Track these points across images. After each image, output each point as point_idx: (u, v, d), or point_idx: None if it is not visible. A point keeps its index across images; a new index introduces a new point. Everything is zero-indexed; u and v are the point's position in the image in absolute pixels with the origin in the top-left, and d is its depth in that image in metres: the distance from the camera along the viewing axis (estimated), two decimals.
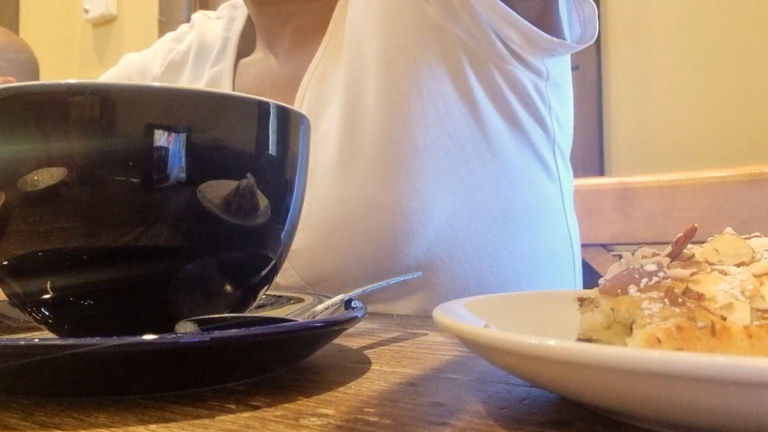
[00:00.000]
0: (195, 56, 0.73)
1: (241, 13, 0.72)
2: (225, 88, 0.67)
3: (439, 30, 0.55)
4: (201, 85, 0.70)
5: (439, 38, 0.55)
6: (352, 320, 0.29)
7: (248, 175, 0.29)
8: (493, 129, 0.57)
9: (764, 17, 1.29)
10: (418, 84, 0.54)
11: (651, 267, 0.23)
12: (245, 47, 0.70)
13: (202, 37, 0.74)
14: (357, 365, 0.31)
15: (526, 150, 0.59)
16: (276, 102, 0.31)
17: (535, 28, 0.54)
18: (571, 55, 0.65)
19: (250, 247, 0.31)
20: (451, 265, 0.56)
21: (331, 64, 0.59)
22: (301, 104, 0.60)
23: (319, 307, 0.34)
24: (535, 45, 0.56)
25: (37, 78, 1.23)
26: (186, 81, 0.72)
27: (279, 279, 0.58)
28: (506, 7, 0.53)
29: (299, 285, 0.59)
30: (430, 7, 0.55)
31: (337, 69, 0.58)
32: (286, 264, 0.57)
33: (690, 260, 0.24)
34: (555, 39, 0.55)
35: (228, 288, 0.31)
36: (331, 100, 0.58)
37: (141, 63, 0.77)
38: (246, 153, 0.30)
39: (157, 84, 0.27)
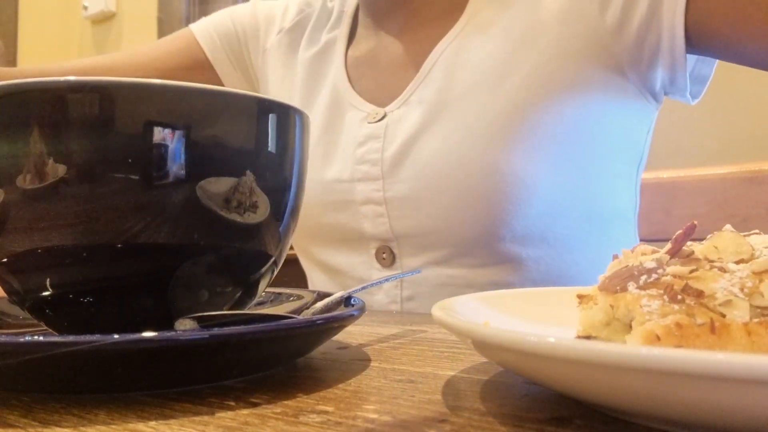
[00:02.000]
0: (315, 23, 0.74)
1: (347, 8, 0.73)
2: (338, 54, 0.68)
3: (604, 48, 0.55)
4: (315, 50, 0.71)
5: (601, 53, 0.55)
6: (352, 317, 0.29)
7: (247, 172, 0.29)
8: (605, 133, 0.58)
9: None
10: (568, 81, 0.55)
11: (650, 264, 0.23)
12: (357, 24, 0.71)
13: (324, 5, 0.75)
14: (356, 362, 0.31)
15: (622, 159, 0.61)
16: (275, 100, 0.31)
17: (687, 77, 0.56)
18: None
19: (249, 244, 0.31)
20: (541, 247, 0.56)
21: (467, 40, 0.59)
22: (431, 68, 0.60)
23: (319, 305, 0.34)
24: (676, 87, 0.58)
25: (7, 65, 1.22)
26: (305, 43, 0.73)
27: (367, 226, 0.58)
28: (684, 59, 0.54)
29: (387, 236, 0.58)
30: (607, 25, 0.55)
31: (477, 43, 0.58)
32: (380, 209, 0.57)
33: (689, 257, 0.24)
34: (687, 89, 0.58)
35: (227, 285, 0.31)
36: (469, 65, 0.58)
37: (271, 12, 0.78)
38: (245, 150, 0.29)
39: (156, 80, 0.27)
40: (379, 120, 0.59)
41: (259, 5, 0.80)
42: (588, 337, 0.25)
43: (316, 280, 0.68)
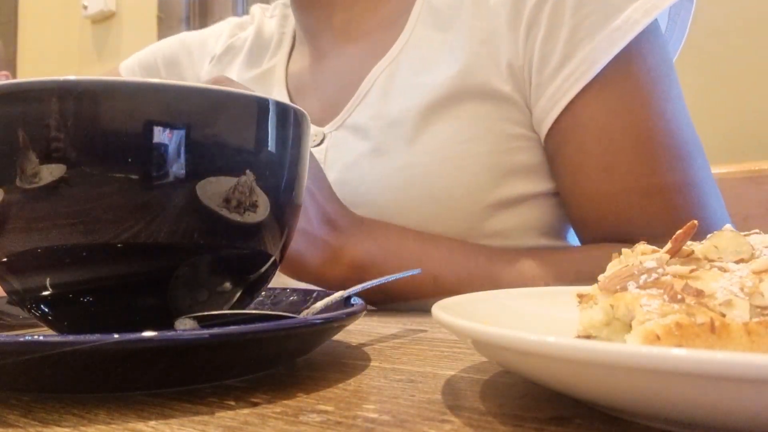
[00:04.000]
0: (251, 47, 0.74)
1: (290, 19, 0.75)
2: (279, 75, 0.69)
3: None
4: (257, 72, 0.72)
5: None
6: (352, 317, 0.29)
7: (247, 171, 0.29)
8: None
9: (764, 13, 1.28)
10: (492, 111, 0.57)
11: (650, 264, 0.23)
12: (298, 43, 0.72)
13: (261, 30, 0.75)
14: (356, 362, 0.31)
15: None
16: (275, 99, 0.31)
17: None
18: None
19: (249, 244, 0.31)
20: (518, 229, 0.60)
21: (406, 62, 0.61)
22: (368, 90, 0.61)
23: (319, 304, 0.34)
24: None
25: (7, 65, 1.22)
26: (237, 69, 0.73)
27: None
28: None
29: None
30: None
31: (416, 67, 0.60)
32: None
33: (689, 257, 0.24)
34: None
35: (227, 285, 0.31)
36: (406, 92, 0.59)
37: (202, 39, 0.79)
38: (245, 149, 0.29)
39: (155, 80, 0.27)
40: (319, 143, 0.61)
41: (188, 35, 0.81)
42: (588, 337, 0.24)
43: None
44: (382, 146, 0.58)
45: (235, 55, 0.75)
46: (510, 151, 0.57)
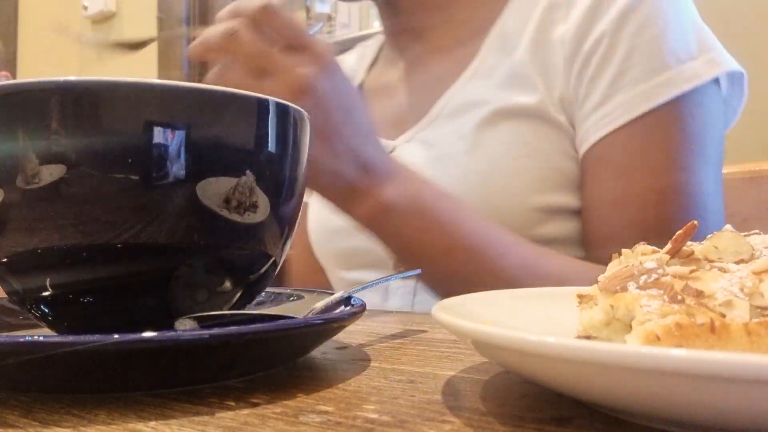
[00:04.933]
0: None
1: (371, 44, 0.80)
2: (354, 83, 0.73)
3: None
4: None
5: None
6: (352, 317, 0.29)
7: (247, 172, 0.29)
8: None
9: (764, 13, 1.28)
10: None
11: (650, 264, 0.23)
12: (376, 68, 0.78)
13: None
14: (356, 362, 0.31)
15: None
16: (275, 99, 0.31)
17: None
18: None
19: (249, 245, 0.31)
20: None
21: (474, 84, 0.65)
22: (439, 113, 0.65)
23: (319, 305, 0.34)
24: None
25: (7, 65, 1.23)
26: None
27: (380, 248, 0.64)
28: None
29: None
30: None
31: (480, 89, 0.64)
32: None
33: (689, 257, 0.24)
34: None
35: (227, 285, 0.31)
36: (472, 111, 0.63)
37: None
38: (245, 150, 0.29)
39: (156, 81, 0.27)
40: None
41: None
42: (588, 337, 0.25)
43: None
44: (445, 155, 0.62)
45: None
46: (561, 167, 0.61)
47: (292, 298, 0.41)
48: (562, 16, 0.60)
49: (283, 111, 0.31)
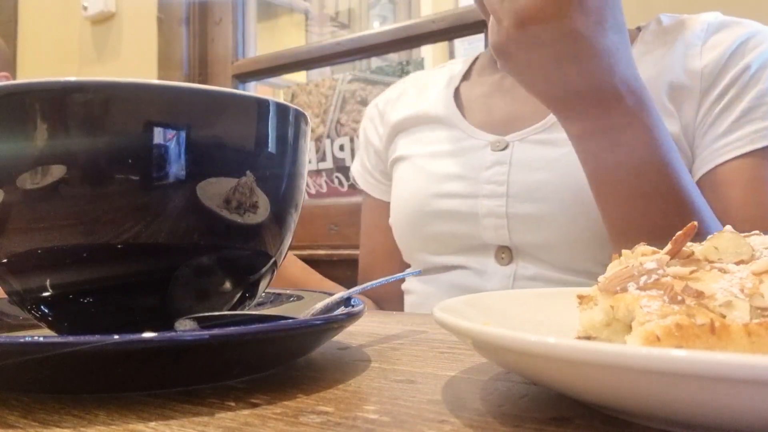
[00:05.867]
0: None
1: (458, 61, 0.82)
2: (449, 90, 0.77)
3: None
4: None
5: None
6: (352, 318, 0.29)
7: (248, 172, 0.29)
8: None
9: (764, 14, 1.28)
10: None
11: (650, 265, 0.23)
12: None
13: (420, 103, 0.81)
14: (356, 362, 0.31)
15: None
16: (275, 99, 0.31)
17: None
18: None
19: (249, 245, 0.31)
20: None
21: None
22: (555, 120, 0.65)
23: (319, 305, 0.34)
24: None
25: (8, 65, 1.22)
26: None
27: (488, 236, 0.66)
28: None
29: (506, 243, 0.65)
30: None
31: None
32: (502, 222, 0.65)
33: (689, 258, 0.24)
34: None
35: (227, 285, 0.31)
36: None
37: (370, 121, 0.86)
38: (245, 150, 0.29)
39: (156, 81, 0.27)
40: (503, 149, 0.67)
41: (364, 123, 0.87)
42: (588, 338, 0.25)
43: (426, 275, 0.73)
44: (565, 157, 0.62)
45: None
46: None
47: (292, 299, 0.41)
48: (696, 53, 0.63)
49: (283, 111, 0.31)
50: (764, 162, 0.60)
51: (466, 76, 0.80)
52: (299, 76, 1.83)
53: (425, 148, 0.73)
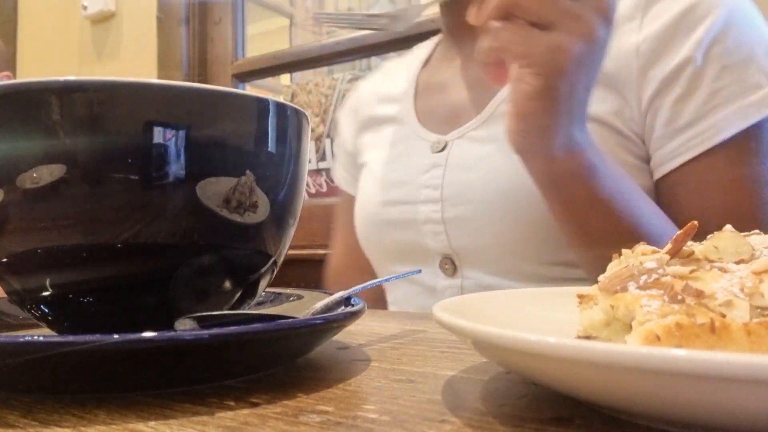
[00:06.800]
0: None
1: (427, 44, 0.79)
2: (410, 76, 0.75)
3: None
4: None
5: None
6: (352, 317, 0.29)
7: (247, 171, 0.29)
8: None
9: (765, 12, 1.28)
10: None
11: (650, 264, 0.23)
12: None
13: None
14: (356, 362, 0.31)
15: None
16: (275, 99, 0.31)
17: None
18: None
19: (249, 244, 0.31)
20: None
21: None
22: (492, 112, 0.64)
23: (319, 305, 0.34)
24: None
25: (8, 65, 1.22)
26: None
27: (429, 242, 0.64)
28: None
29: (447, 251, 0.63)
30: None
31: None
32: (439, 228, 0.63)
33: (689, 257, 0.24)
34: None
35: (227, 285, 0.31)
36: None
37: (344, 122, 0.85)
38: (245, 150, 0.29)
39: (156, 81, 0.27)
40: (441, 150, 0.66)
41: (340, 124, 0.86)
42: (588, 338, 0.25)
43: (391, 288, 0.73)
44: (501, 151, 0.60)
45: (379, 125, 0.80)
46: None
47: (292, 298, 0.41)
48: (634, 27, 0.59)
49: (282, 111, 0.31)
50: (738, 153, 0.56)
51: (428, 60, 0.77)
52: (284, 78, 1.83)
53: (379, 153, 0.72)
